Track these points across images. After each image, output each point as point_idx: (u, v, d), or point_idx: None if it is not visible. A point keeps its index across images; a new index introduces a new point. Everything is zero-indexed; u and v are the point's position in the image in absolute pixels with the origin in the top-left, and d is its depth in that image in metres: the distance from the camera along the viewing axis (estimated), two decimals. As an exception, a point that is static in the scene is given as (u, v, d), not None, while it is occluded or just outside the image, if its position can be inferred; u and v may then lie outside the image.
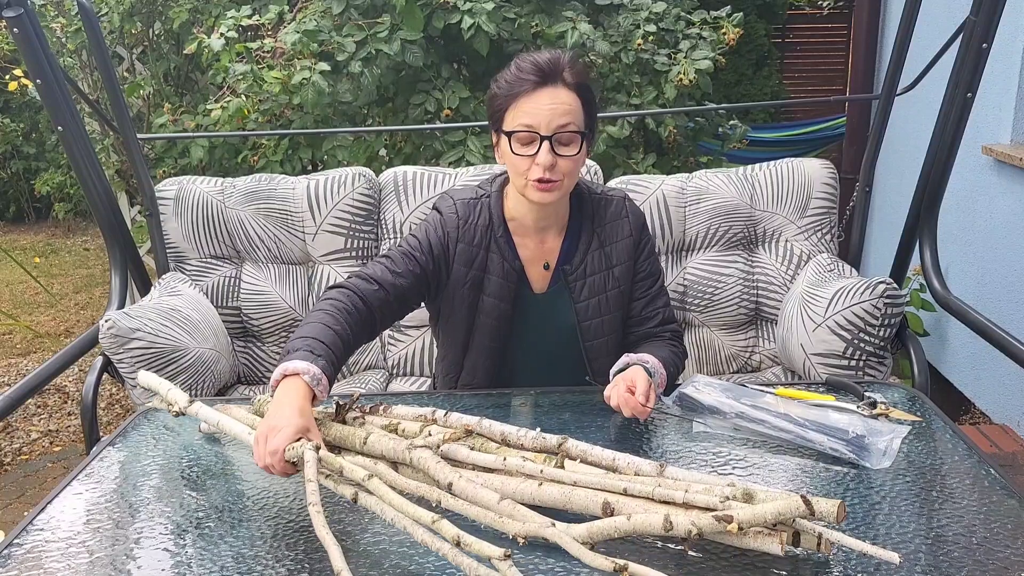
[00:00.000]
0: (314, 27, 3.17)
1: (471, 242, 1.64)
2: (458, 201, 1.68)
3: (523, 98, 1.51)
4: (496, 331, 1.68)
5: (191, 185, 2.40)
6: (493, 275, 1.65)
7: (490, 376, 1.72)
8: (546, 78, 1.51)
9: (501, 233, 1.65)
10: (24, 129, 7.11)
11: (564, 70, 1.52)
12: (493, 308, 1.66)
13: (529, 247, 1.68)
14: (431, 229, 1.66)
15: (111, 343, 1.95)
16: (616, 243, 1.69)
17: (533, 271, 1.69)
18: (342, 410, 1.33)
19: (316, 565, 1.09)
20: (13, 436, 3.59)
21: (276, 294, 2.38)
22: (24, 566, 1.13)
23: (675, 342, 1.72)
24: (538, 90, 1.51)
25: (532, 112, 1.50)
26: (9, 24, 1.84)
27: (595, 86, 1.59)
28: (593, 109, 1.57)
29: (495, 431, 1.30)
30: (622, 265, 1.69)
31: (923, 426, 1.44)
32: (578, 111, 1.53)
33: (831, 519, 0.99)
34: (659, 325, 1.72)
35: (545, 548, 1.09)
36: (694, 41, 3.41)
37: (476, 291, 1.66)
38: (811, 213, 2.31)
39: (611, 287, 1.68)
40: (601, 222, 1.69)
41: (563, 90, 1.51)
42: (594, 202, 1.70)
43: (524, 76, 1.51)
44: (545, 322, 1.70)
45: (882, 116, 2.33)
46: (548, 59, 1.52)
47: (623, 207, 1.71)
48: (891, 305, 1.89)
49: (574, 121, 1.52)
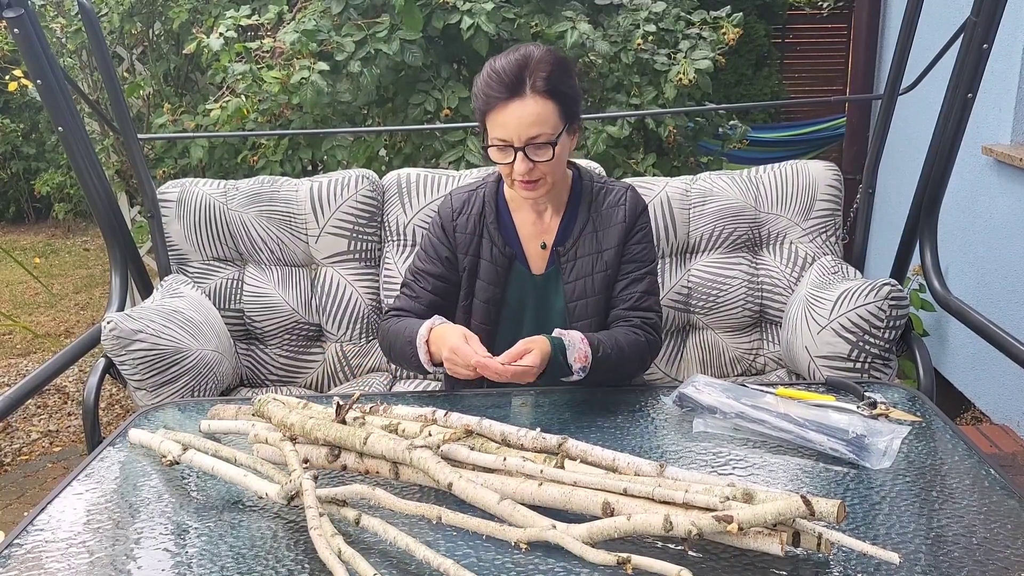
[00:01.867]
0: (313, 27, 3.17)
1: (465, 230, 1.74)
2: (454, 195, 1.79)
3: (493, 112, 1.56)
4: (487, 313, 1.75)
5: (194, 187, 2.40)
6: (484, 260, 1.74)
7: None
8: (513, 91, 1.54)
9: (493, 219, 1.73)
10: (24, 129, 7.11)
11: (531, 77, 1.54)
12: (483, 291, 1.75)
13: (527, 224, 1.75)
14: (432, 234, 1.78)
15: (113, 345, 1.95)
16: (609, 228, 1.72)
17: (532, 248, 1.75)
18: (342, 410, 1.33)
19: (316, 565, 1.09)
20: (13, 436, 3.59)
21: (279, 296, 2.38)
22: (24, 566, 1.13)
23: (638, 329, 1.69)
24: (507, 104, 1.54)
25: (503, 125, 1.55)
26: (9, 24, 1.84)
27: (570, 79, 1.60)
28: (571, 102, 1.59)
29: (495, 431, 1.30)
30: (612, 249, 1.72)
31: (923, 426, 1.44)
32: (548, 117, 1.55)
33: (831, 519, 0.99)
34: (631, 308, 1.71)
35: (545, 548, 1.09)
36: (694, 41, 3.41)
37: (472, 276, 1.75)
38: (816, 215, 2.30)
39: (598, 270, 1.71)
40: (599, 207, 1.73)
41: (531, 100, 1.54)
42: (595, 189, 1.75)
43: (491, 92, 1.55)
44: (542, 303, 1.76)
45: (884, 117, 2.33)
46: (514, 69, 1.54)
47: (623, 196, 1.75)
48: (896, 307, 1.89)
49: (544, 130, 1.55)
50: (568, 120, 1.60)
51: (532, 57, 1.55)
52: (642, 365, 1.73)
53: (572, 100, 1.60)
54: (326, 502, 1.17)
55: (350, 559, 1.05)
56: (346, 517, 1.15)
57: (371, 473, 1.29)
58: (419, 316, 1.70)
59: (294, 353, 2.41)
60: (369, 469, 1.28)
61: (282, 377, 2.41)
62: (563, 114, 1.58)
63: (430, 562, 1.04)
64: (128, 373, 1.99)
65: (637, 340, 1.67)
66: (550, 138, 1.56)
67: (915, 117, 3.58)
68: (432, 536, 1.15)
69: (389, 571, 1.08)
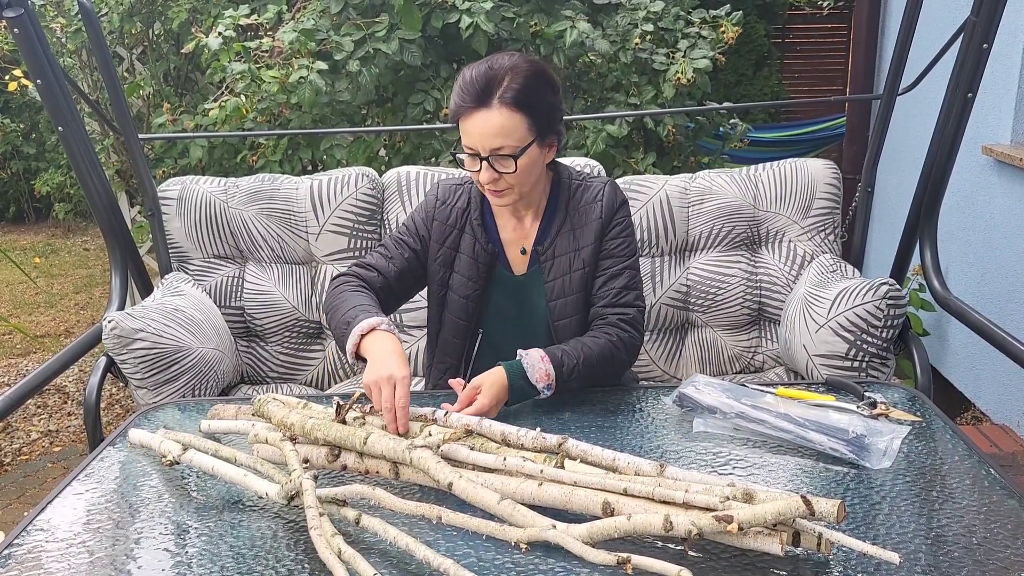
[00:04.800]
0: (312, 26, 3.18)
1: (445, 221, 1.74)
2: (443, 185, 1.80)
3: (463, 119, 1.57)
4: (464, 308, 1.75)
5: (194, 185, 2.40)
6: (463, 254, 1.73)
7: (460, 352, 1.77)
8: (480, 101, 1.54)
9: (477, 216, 1.73)
10: (24, 129, 7.11)
11: (500, 88, 1.53)
12: (462, 285, 1.74)
13: (508, 229, 1.75)
14: (418, 212, 1.79)
15: (114, 344, 1.95)
16: (585, 225, 1.71)
17: (513, 253, 1.75)
18: (342, 410, 1.33)
19: (316, 565, 1.09)
20: (13, 436, 3.59)
21: (279, 294, 2.38)
22: (24, 566, 1.13)
23: (612, 328, 1.65)
24: (474, 113, 1.55)
25: (469, 133, 1.57)
26: (9, 24, 1.84)
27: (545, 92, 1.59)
28: (542, 116, 1.57)
29: (495, 431, 1.30)
30: (588, 247, 1.70)
31: (923, 426, 1.44)
32: (514, 129, 1.54)
33: (831, 519, 0.99)
34: (607, 305, 1.68)
35: (545, 548, 1.09)
36: (693, 40, 3.40)
37: (446, 268, 1.75)
38: (814, 214, 2.30)
39: (576, 268, 1.70)
40: (576, 205, 1.72)
41: (496, 112, 1.53)
42: (572, 187, 1.74)
43: (462, 100, 1.56)
44: (523, 303, 1.76)
45: (883, 117, 2.33)
46: (483, 79, 1.54)
47: (600, 192, 1.72)
48: (894, 306, 1.89)
49: (508, 142, 1.54)
50: (540, 133, 1.58)
51: (503, 67, 1.54)
52: (620, 366, 1.66)
53: (544, 114, 1.58)
54: (326, 502, 1.17)
55: (350, 559, 1.05)
56: (346, 517, 1.15)
57: (371, 473, 1.29)
58: (387, 278, 1.70)
59: (294, 350, 2.42)
60: (369, 469, 1.28)
61: (283, 374, 2.42)
62: (533, 127, 1.56)
63: (430, 562, 1.04)
64: (129, 372, 1.99)
65: (607, 343, 1.62)
66: (514, 150, 1.55)
67: (915, 117, 3.59)
68: (432, 536, 1.15)
69: (389, 571, 1.08)
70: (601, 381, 1.64)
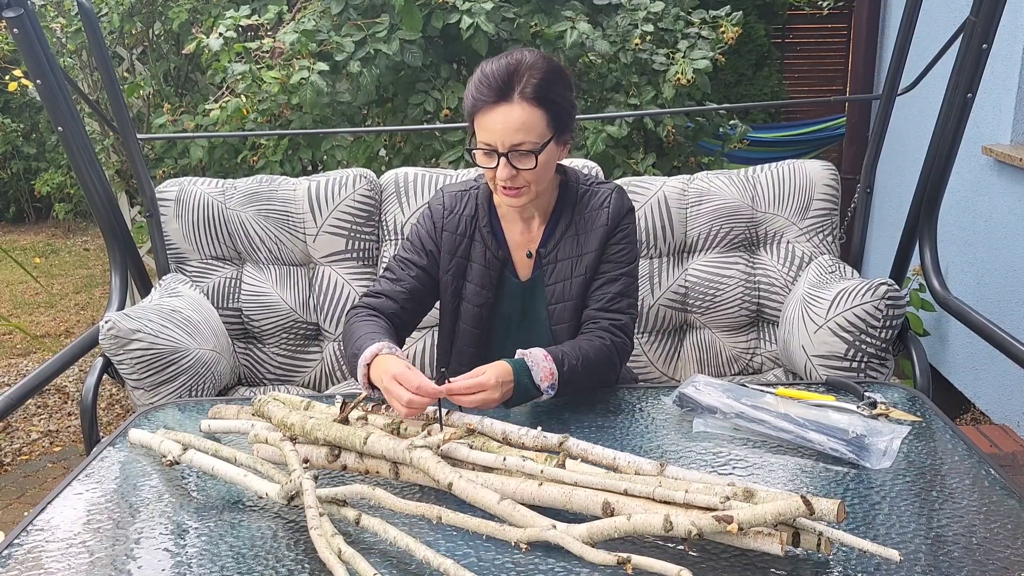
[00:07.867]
0: (313, 27, 3.18)
1: (455, 230, 1.72)
2: (447, 193, 1.76)
3: (481, 115, 1.54)
4: (478, 318, 1.73)
5: (192, 186, 2.40)
6: (475, 263, 1.71)
7: (475, 362, 1.72)
8: (501, 95, 1.52)
9: (486, 223, 1.71)
10: (24, 129, 7.11)
11: (520, 83, 1.51)
12: (475, 295, 1.72)
13: (515, 233, 1.73)
14: (421, 226, 1.75)
15: (111, 344, 1.95)
16: (590, 232, 1.69)
17: (519, 257, 1.74)
18: (347, 407, 1.34)
19: (316, 565, 1.09)
20: (13, 436, 3.59)
21: (277, 295, 2.38)
22: (24, 566, 1.13)
23: (605, 332, 1.64)
24: (494, 108, 1.52)
25: (488, 129, 1.53)
26: (9, 24, 1.84)
27: (564, 88, 1.58)
28: (561, 112, 1.57)
29: (496, 430, 1.30)
30: (592, 253, 1.68)
31: (923, 426, 1.44)
32: (535, 125, 1.53)
33: (831, 519, 0.99)
34: (600, 309, 1.67)
35: (545, 548, 1.09)
36: (693, 40, 3.40)
37: (459, 278, 1.73)
38: (813, 215, 2.30)
39: (577, 274, 1.69)
40: (581, 211, 1.70)
41: (518, 106, 1.51)
42: (580, 192, 1.72)
43: (481, 95, 1.53)
44: (528, 308, 1.75)
45: (883, 117, 2.33)
46: (504, 73, 1.52)
47: (607, 198, 1.71)
48: (892, 307, 1.89)
49: (528, 138, 1.52)
50: (557, 130, 1.57)
51: (524, 62, 1.53)
52: (613, 370, 1.65)
53: (563, 110, 1.57)
54: (326, 502, 1.17)
55: (350, 559, 1.05)
56: (346, 517, 1.15)
57: (371, 473, 1.29)
58: (397, 302, 1.68)
59: (292, 352, 2.41)
60: (369, 469, 1.29)
61: (280, 376, 2.41)
62: (552, 123, 1.55)
63: (430, 562, 1.04)
64: (126, 372, 1.99)
65: (603, 346, 1.61)
66: (535, 146, 1.53)
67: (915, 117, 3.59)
68: (432, 536, 1.15)
69: (389, 571, 1.08)
70: (596, 385, 1.63)
